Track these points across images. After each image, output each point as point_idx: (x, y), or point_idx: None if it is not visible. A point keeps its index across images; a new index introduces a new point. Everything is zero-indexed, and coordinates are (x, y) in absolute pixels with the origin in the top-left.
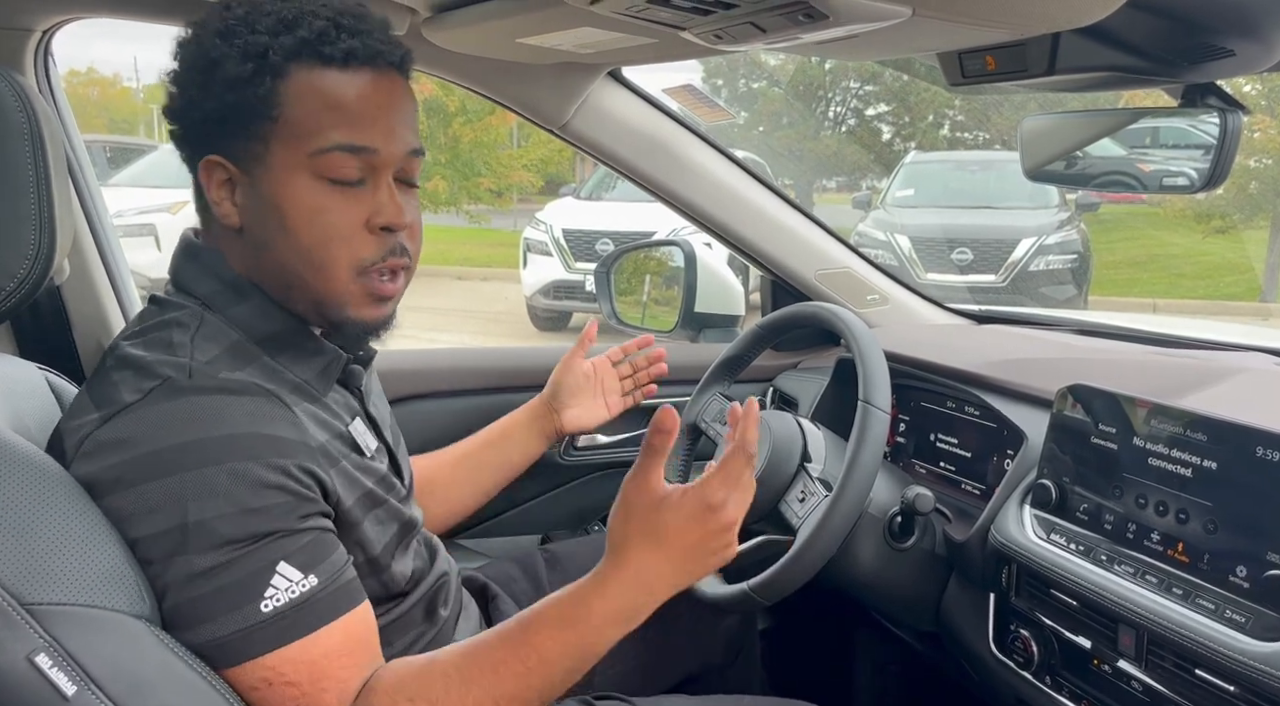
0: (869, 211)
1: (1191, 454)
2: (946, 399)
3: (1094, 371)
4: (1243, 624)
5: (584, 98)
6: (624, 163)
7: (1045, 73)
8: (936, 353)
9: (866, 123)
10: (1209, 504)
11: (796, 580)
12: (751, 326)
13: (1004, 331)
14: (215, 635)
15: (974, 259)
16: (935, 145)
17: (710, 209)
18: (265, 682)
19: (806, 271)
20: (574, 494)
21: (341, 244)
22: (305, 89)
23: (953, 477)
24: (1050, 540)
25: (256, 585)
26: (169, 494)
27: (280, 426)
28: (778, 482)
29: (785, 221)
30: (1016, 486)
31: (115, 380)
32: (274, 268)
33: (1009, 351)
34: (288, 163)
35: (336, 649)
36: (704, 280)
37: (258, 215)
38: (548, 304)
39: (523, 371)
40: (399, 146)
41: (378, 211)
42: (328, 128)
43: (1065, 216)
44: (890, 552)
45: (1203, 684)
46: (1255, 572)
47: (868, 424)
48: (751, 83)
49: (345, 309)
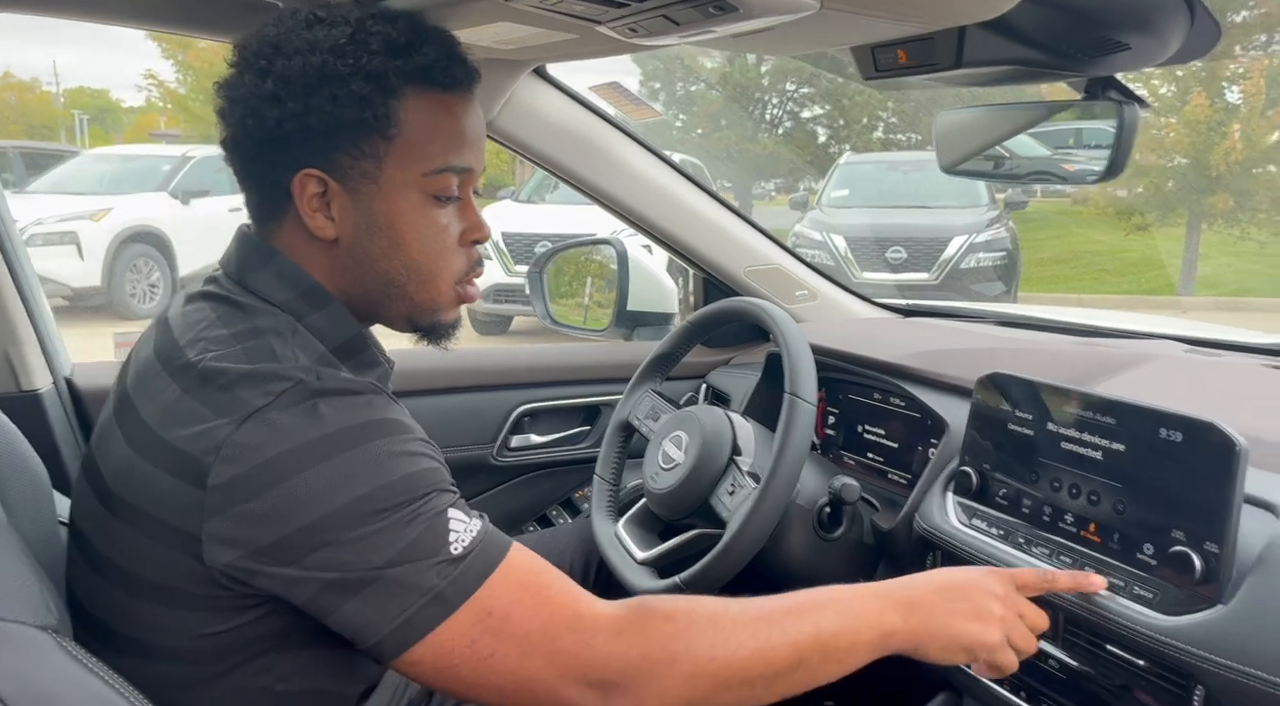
0: (806, 212)
1: (1101, 437)
2: (873, 391)
3: (1013, 360)
4: (1150, 599)
5: (508, 95)
6: (552, 161)
7: (953, 66)
8: (862, 345)
9: (803, 125)
10: (1118, 485)
11: (727, 571)
12: (681, 323)
13: (929, 324)
14: (422, 589)
15: (908, 258)
16: (870, 147)
17: (640, 207)
18: (482, 615)
19: (736, 268)
20: (508, 495)
21: (445, 258)
22: (422, 112)
23: (880, 468)
24: (972, 525)
25: (439, 532)
26: (334, 475)
27: (406, 416)
28: (708, 476)
29: (714, 219)
30: (940, 474)
31: (229, 388)
32: (375, 279)
33: (932, 343)
34: (401, 181)
35: (536, 564)
36: (637, 279)
37: (363, 229)
38: (488, 308)
39: (479, 372)
40: (483, 164)
41: (472, 226)
42: (442, 149)
43: (995, 215)
44: (820, 543)
45: (1114, 659)
46: (1161, 549)
47: (794, 415)
48: (689, 86)
49: (438, 314)
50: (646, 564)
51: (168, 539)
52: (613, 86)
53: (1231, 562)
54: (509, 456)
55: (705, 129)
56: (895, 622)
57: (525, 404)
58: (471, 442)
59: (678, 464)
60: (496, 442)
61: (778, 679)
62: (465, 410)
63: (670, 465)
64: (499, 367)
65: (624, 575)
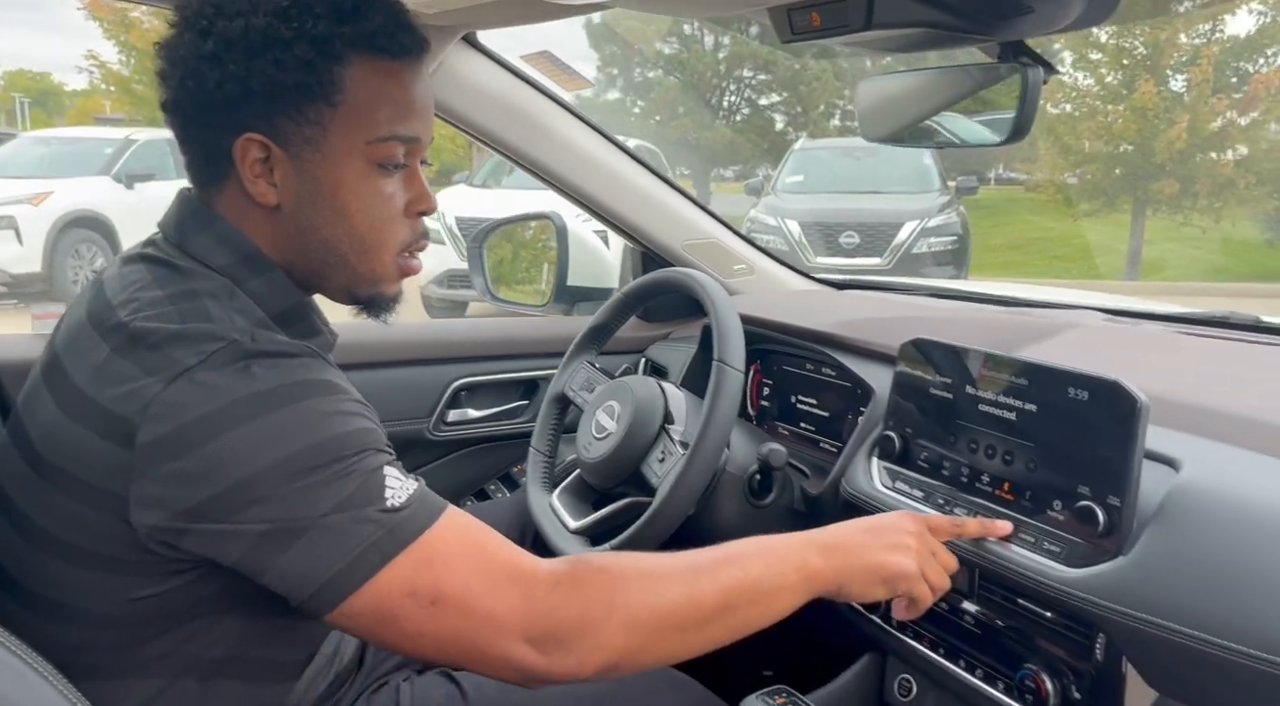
0: (761, 197)
1: (1015, 398)
2: (805, 361)
3: (938, 328)
4: (1057, 553)
5: (438, 63)
6: (484, 130)
7: (864, 27)
8: (794, 316)
9: (760, 112)
10: (1030, 444)
11: (656, 537)
12: (615, 295)
13: (861, 296)
14: (360, 536)
15: (860, 242)
16: (827, 134)
17: (575, 178)
18: (423, 562)
19: (674, 242)
20: (445, 469)
21: (389, 228)
22: (367, 78)
23: (812, 437)
24: (895, 488)
25: (375, 486)
26: (263, 433)
27: (342, 379)
28: (639, 444)
29: (652, 192)
30: (865, 440)
31: (160, 347)
32: (317, 247)
33: (862, 313)
34: (345, 148)
35: (474, 522)
36: (577, 254)
37: (306, 196)
38: (442, 293)
39: (414, 345)
40: (430, 134)
41: (421, 198)
42: (388, 118)
43: (946, 200)
44: (752, 510)
45: (1025, 612)
46: (1069, 505)
47: (721, 381)
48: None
49: (380, 285)
50: (579, 533)
51: (96, 501)
52: (544, 55)
53: (1133, 515)
54: (446, 431)
55: (663, 116)
56: (817, 563)
57: (462, 378)
58: (407, 417)
59: (610, 433)
60: (433, 417)
61: (709, 623)
62: (400, 384)
63: (603, 434)
64: (435, 341)
65: (557, 544)
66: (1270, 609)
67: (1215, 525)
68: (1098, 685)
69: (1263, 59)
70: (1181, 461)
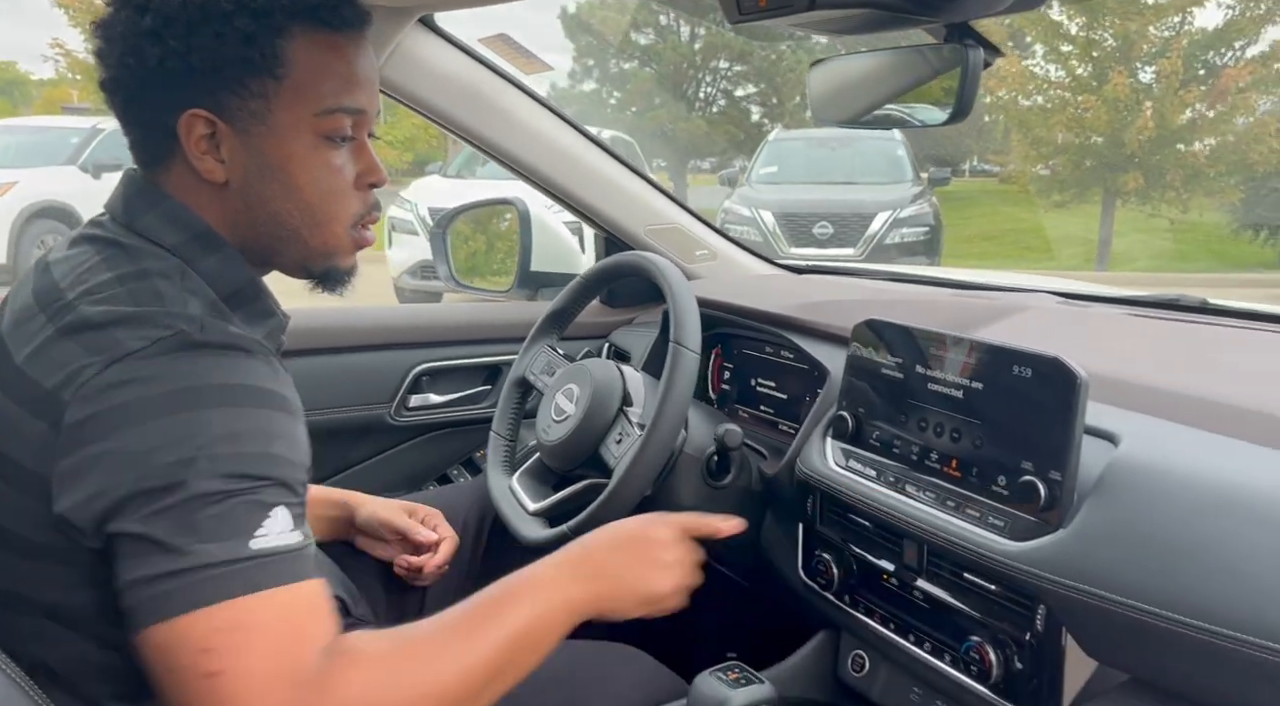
0: (735, 188)
1: (962, 376)
2: (765, 345)
3: (892, 310)
4: (1001, 527)
5: (394, 45)
6: (443, 115)
7: (809, 7)
8: (752, 299)
9: (736, 103)
10: (977, 422)
11: (612, 518)
12: (575, 279)
13: (819, 280)
14: (198, 562)
15: (834, 233)
16: (804, 125)
17: (535, 162)
18: (234, 626)
19: (636, 227)
20: (408, 454)
21: (340, 201)
22: (311, 51)
23: (771, 419)
24: (848, 468)
25: (251, 522)
26: (187, 428)
27: (289, 389)
28: (598, 427)
29: (614, 177)
30: (820, 420)
31: (106, 329)
32: (268, 223)
33: (819, 296)
34: (291, 122)
35: (309, 606)
36: (541, 239)
37: (254, 172)
38: (415, 284)
39: (375, 330)
40: (376, 106)
41: (370, 170)
42: (333, 90)
43: (918, 191)
44: (710, 491)
45: (971, 586)
46: (1012, 480)
47: (677, 363)
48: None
49: (334, 259)
50: (538, 514)
51: (29, 486)
52: (501, 38)
53: (1073, 489)
54: (407, 416)
55: (639, 107)
56: (579, 595)
57: (424, 363)
58: (368, 402)
59: (569, 415)
60: (394, 402)
61: (486, 689)
62: (362, 369)
63: (562, 417)
64: (397, 326)
65: (515, 526)
66: (1201, 577)
67: (1151, 498)
68: (1039, 655)
69: (1230, 52)
70: (1120, 436)
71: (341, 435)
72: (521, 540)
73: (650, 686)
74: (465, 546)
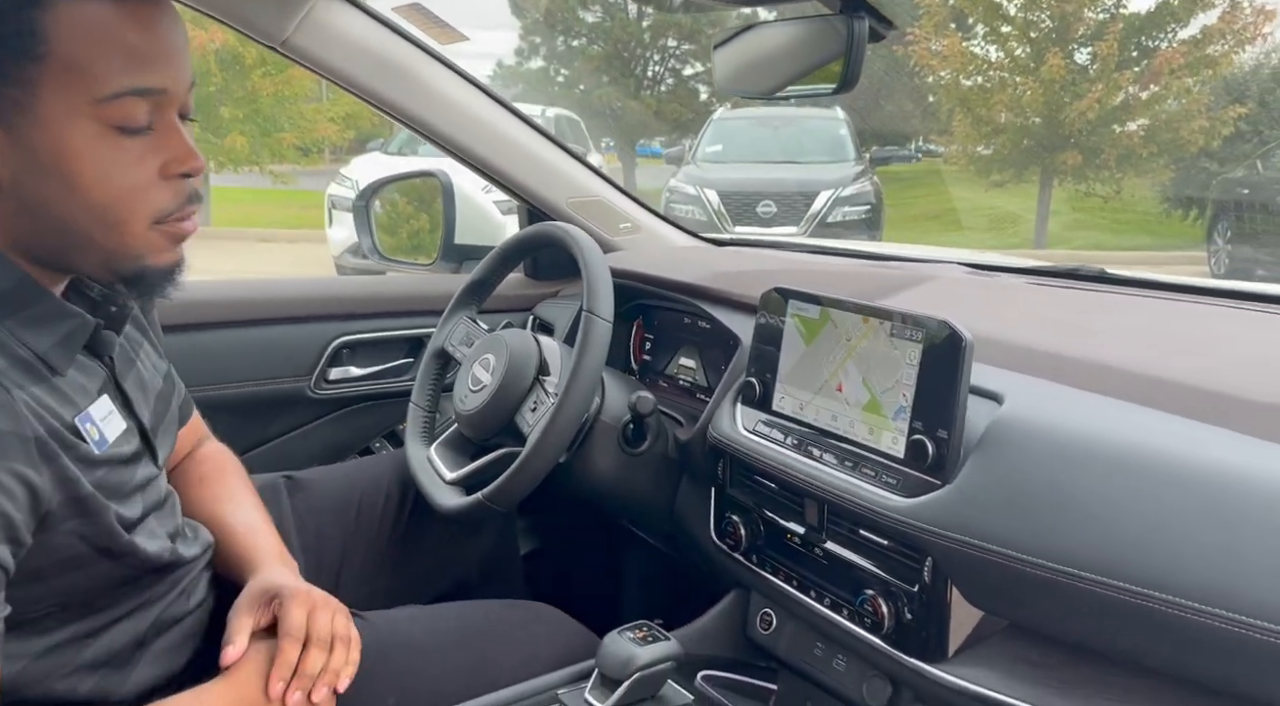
0: (680, 166)
1: (859, 341)
2: (684, 315)
3: (803, 279)
4: (894, 485)
5: (305, 11)
6: (357, 84)
7: None
8: (669, 270)
9: (685, 82)
10: None
11: (526, 485)
12: (493, 250)
13: (739, 252)
14: None
15: (777, 211)
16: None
17: (454, 133)
18: None
19: (558, 199)
20: (326, 429)
21: (139, 197)
22: (80, 25)
23: (690, 387)
24: (756, 432)
25: None
26: None
27: (15, 425)
28: (514, 396)
29: (535, 149)
30: (731, 387)
31: None
32: (52, 228)
33: (734, 267)
34: (65, 112)
35: None
36: (466, 212)
37: (25, 171)
38: (357, 262)
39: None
40: (185, 82)
41: (176, 158)
42: (114, 70)
43: (860, 170)
44: (626, 458)
45: (866, 542)
46: (905, 439)
47: (589, 331)
48: (571, 41)
49: (143, 260)
50: (455, 483)
51: None
52: (414, 7)
53: (959, 447)
54: (328, 389)
55: (587, 84)
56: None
57: (344, 336)
58: (286, 375)
59: (485, 385)
60: (314, 375)
61: None
62: (279, 342)
63: (478, 387)
64: (315, 298)
65: (432, 495)
66: (1069, 527)
67: (1030, 453)
68: (926, 606)
69: (1163, 35)
70: (1004, 395)
71: (261, 409)
72: (438, 509)
73: (563, 643)
74: (388, 516)
